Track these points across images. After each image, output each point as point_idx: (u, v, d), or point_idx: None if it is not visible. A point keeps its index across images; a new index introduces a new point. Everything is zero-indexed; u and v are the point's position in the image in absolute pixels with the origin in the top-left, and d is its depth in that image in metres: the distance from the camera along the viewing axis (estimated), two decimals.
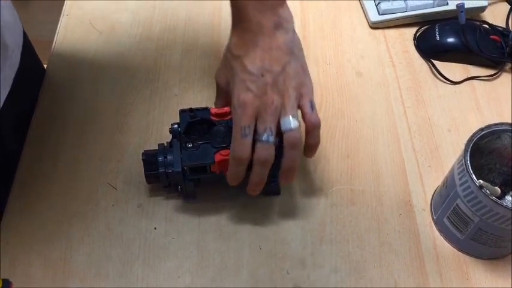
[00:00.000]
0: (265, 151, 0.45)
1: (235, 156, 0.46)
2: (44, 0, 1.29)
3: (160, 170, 0.50)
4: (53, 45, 0.66)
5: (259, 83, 0.45)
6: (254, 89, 0.45)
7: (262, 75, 0.45)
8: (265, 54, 0.45)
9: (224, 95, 0.50)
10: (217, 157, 0.49)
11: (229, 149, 0.48)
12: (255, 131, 0.45)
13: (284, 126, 0.46)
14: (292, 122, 0.46)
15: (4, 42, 0.47)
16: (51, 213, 0.53)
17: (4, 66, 0.50)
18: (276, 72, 0.45)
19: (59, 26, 0.68)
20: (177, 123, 0.52)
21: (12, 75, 0.53)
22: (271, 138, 0.45)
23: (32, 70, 0.56)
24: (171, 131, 0.52)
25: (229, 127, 0.49)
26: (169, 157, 0.50)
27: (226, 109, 0.51)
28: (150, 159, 0.52)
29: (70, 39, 0.67)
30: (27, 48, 0.59)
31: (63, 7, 0.70)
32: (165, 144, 0.52)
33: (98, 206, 0.54)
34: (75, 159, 0.57)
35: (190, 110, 0.51)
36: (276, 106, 0.45)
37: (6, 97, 0.52)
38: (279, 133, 0.46)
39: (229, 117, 0.51)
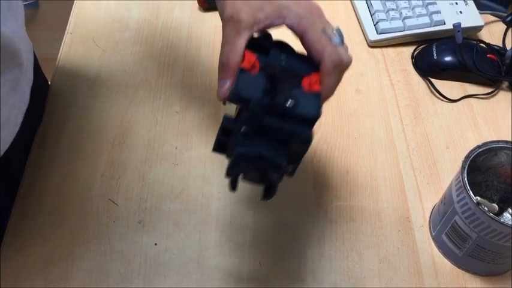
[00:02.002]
0: (346, 52, 0.44)
1: (344, 62, 0.43)
2: (48, 17, 1.31)
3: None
4: (57, 62, 0.67)
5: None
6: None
7: None
8: None
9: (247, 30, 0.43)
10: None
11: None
12: None
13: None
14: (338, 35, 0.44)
15: (19, 58, 0.48)
16: (52, 229, 0.53)
17: (22, 81, 0.51)
18: None
19: (62, 43, 0.69)
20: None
21: (29, 90, 0.54)
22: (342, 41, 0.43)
23: (38, 87, 0.57)
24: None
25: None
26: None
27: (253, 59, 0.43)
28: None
29: (73, 57, 0.68)
30: (36, 65, 0.60)
31: (67, 25, 0.71)
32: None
33: (99, 222, 0.54)
34: (76, 175, 0.57)
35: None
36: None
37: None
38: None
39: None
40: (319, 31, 0.43)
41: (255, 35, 0.43)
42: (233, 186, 0.42)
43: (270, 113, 0.39)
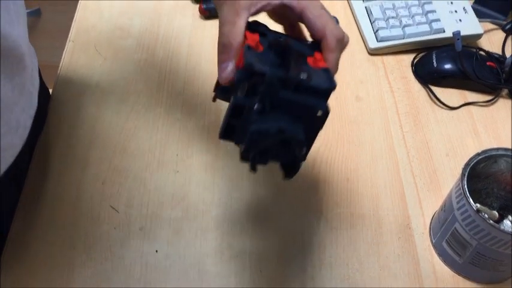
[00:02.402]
0: (341, 29, 0.43)
1: (344, 38, 0.43)
2: (50, 25, 1.32)
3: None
4: (59, 70, 0.68)
5: None
6: None
7: None
8: None
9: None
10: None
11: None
12: None
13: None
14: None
15: (25, 62, 0.49)
16: (53, 236, 0.54)
17: (28, 85, 0.51)
18: None
19: (64, 51, 0.70)
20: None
21: (36, 95, 0.54)
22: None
23: (40, 95, 0.57)
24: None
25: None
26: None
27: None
28: None
29: (75, 64, 0.68)
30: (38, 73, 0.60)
31: (70, 33, 0.71)
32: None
33: (100, 229, 0.54)
34: (78, 182, 0.58)
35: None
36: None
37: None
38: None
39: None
40: (319, 8, 0.43)
41: (251, 19, 0.43)
42: (253, 166, 0.39)
43: (284, 87, 0.38)
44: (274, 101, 0.38)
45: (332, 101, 0.67)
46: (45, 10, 1.30)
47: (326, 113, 0.39)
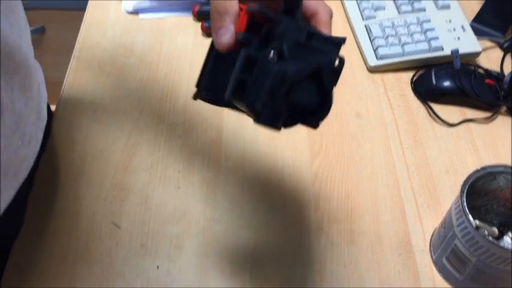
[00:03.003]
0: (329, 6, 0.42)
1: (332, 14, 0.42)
2: (54, 42, 1.34)
3: None
4: (63, 87, 0.69)
5: None
6: None
7: None
8: None
9: None
10: None
11: None
12: None
13: None
14: None
15: (33, 75, 0.50)
16: (55, 252, 0.54)
17: (37, 98, 0.52)
18: None
19: (69, 68, 0.71)
20: None
21: (45, 108, 0.55)
22: None
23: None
24: None
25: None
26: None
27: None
28: None
29: (79, 81, 0.69)
30: None
31: (74, 51, 0.73)
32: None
33: (101, 245, 0.55)
34: (80, 198, 0.58)
35: None
36: None
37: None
38: None
39: None
40: None
41: None
42: (275, 119, 0.35)
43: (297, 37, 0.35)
44: (290, 49, 0.35)
45: (332, 118, 0.68)
46: (49, 28, 1.31)
47: (342, 62, 0.37)
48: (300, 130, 0.65)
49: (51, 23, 1.30)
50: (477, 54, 0.73)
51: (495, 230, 0.53)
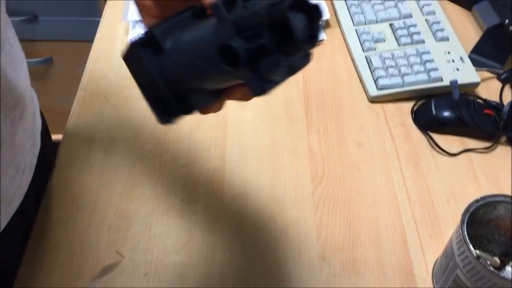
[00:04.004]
0: None
1: None
2: (62, 73, 1.36)
3: None
4: (69, 117, 0.70)
5: None
6: None
7: None
8: None
9: None
10: None
11: None
12: None
13: None
14: None
15: (28, 106, 0.51)
16: (59, 281, 0.54)
17: (33, 126, 0.53)
18: None
19: (75, 99, 0.72)
20: None
21: (39, 135, 0.56)
22: None
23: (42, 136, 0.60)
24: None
25: None
26: None
27: None
28: None
29: (85, 112, 0.71)
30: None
31: (80, 83, 0.74)
32: None
33: (106, 275, 0.55)
34: (84, 227, 0.59)
35: None
36: None
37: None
38: None
39: None
40: None
41: None
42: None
43: None
44: None
45: (334, 147, 0.69)
46: (57, 59, 1.34)
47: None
48: (302, 159, 0.66)
49: (59, 54, 1.33)
50: (476, 84, 0.75)
51: (497, 259, 0.53)
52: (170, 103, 0.40)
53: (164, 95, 0.40)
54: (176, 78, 0.39)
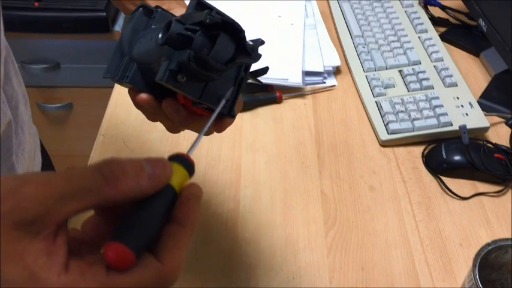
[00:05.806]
0: None
1: None
2: (81, 118, 1.40)
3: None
4: (89, 161, 0.72)
5: None
6: None
7: None
8: None
9: None
10: None
11: None
12: None
13: None
14: None
15: (26, 144, 0.54)
16: None
17: (32, 166, 0.56)
18: None
19: (95, 143, 0.75)
20: None
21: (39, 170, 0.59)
22: None
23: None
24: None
25: None
26: None
27: None
28: None
29: (104, 156, 0.73)
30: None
31: (100, 128, 0.77)
32: None
33: None
34: None
35: None
36: None
37: None
38: None
39: None
40: None
41: None
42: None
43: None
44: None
45: (346, 191, 0.70)
46: (77, 104, 1.39)
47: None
48: (314, 202, 0.67)
49: (79, 100, 1.38)
50: (485, 129, 0.76)
51: None
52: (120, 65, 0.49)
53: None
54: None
